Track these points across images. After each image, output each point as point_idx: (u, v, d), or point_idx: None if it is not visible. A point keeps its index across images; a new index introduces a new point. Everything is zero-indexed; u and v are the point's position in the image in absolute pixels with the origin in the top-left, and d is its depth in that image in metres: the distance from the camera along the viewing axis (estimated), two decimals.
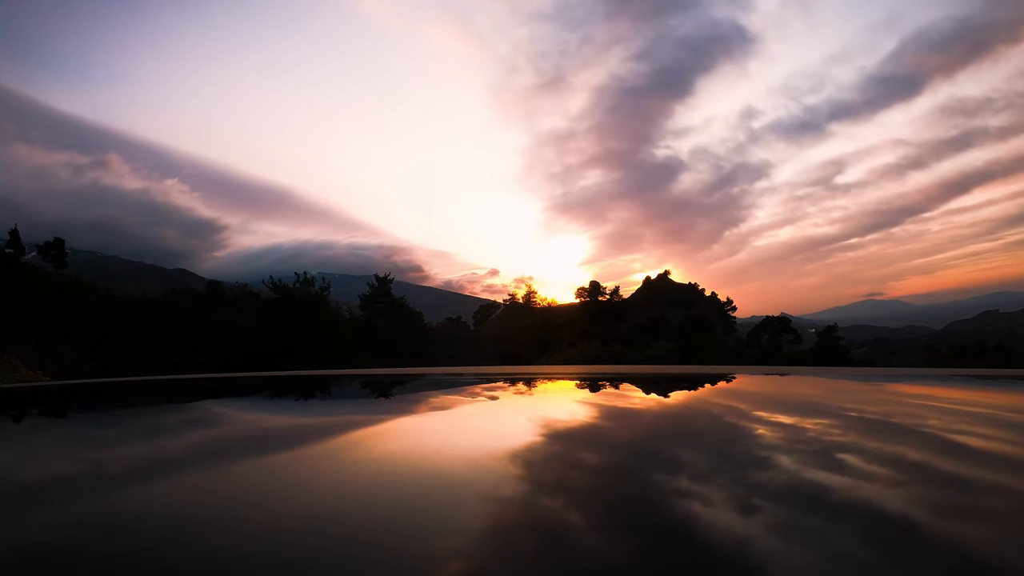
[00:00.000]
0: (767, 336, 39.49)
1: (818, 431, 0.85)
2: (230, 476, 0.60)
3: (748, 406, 1.17)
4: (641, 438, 0.85)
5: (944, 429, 0.88)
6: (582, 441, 0.82)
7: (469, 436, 0.86)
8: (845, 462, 0.64)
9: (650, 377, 2.11)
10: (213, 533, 0.44)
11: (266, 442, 0.83)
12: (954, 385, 1.65)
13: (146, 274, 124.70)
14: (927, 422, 0.96)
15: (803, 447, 0.73)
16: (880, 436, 0.83)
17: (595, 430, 0.92)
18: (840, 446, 0.74)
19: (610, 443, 0.81)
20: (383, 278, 29.09)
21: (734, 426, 0.92)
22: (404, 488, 0.55)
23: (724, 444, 0.77)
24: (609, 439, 0.85)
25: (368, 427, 0.97)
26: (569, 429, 0.90)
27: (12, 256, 25.86)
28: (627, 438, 0.85)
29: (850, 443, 0.77)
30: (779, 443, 0.75)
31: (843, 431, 0.85)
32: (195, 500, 0.52)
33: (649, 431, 0.91)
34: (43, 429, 1.03)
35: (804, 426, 0.89)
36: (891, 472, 0.61)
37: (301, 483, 0.57)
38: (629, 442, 0.81)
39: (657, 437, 0.85)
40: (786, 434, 0.83)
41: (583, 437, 0.85)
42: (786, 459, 0.65)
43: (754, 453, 0.69)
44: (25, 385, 2.38)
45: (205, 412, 1.26)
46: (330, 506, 0.50)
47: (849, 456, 0.68)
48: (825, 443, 0.76)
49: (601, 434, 0.89)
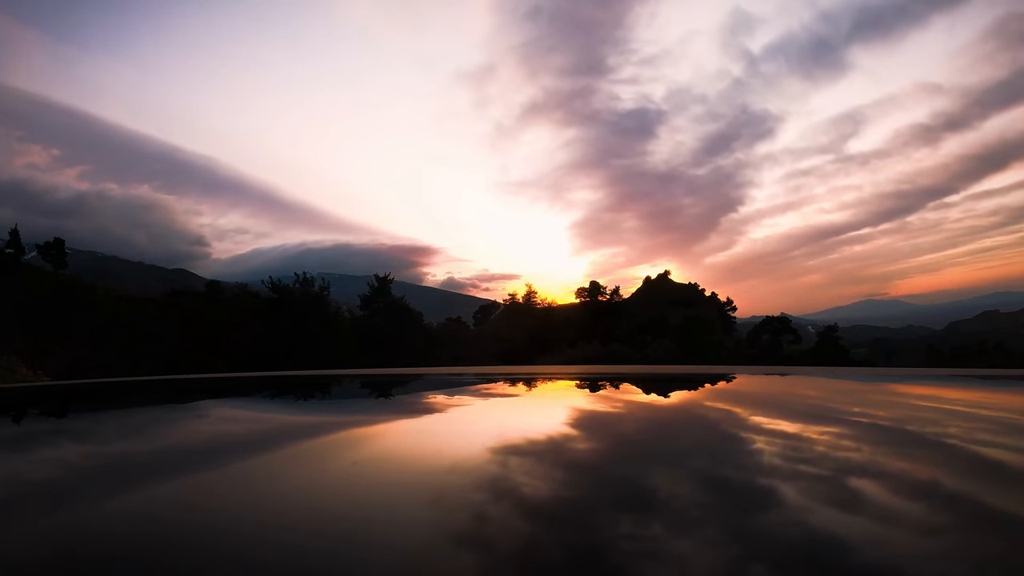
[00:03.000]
0: (767, 336, 39.50)
1: (827, 444, 0.73)
2: (230, 476, 0.60)
3: (747, 412, 1.07)
4: (625, 459, 0.69)
5: (969, 440, 0.77)
6: (581, 441, 0.81)
7: (469, 436, 0.86)
8: (865, 495, 0.51)
9: (650, 377, 2.11)
10: (213, 533, 0.44)
11: (266, 442, 0.83)
12: (960, 386, 1.63)
13: (146, 274, 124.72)
14: (947, 430, 0.85)
15: (811, 471, 0.60)
16: (901, 451, 0.70)
17: (594, 431, 0.92)
18: (856, 468, 0.61)
19: (602, 450, 0.81)
20: (383, 278, 29.10)
21: (730, 443, 0.78)
22: (404, 488, 0.55)
23: (717, 469, 0.62)
24: (603, 444, 0.85)
25: (368, 427, 0.97)
26: (568, 430, 0.90)
27: (12, 256, 25.87)
28: (609, 457, 0.71)
29: (867, 464, 0.63)
30: (782, 466, 0.62)
31: (856, 443, 0.74)
32: (195, 500, 0.52)
33: (636, 450, 0.75)
34: (43, 429, 1.03)
35: (810, 437, 0.78)
36: (928, 512, 0.47)
37: (301, 483, 0.57)
38: (610, 461, 0.68)
39: (641, 463, 0.67)
40: (791, 451, 0.69)
41: (582, 437, 0.85)
42: (791, 492, 0.51)
43: (752, 483, 0.56)
44: (25, 385, 2.38)
45: (205, 412, 1.26)
46: (330, 506, 0.50)
47: (869, 485, 0.54)
48: (837, 463, 0.63)
49: (599, 435, 0.89)
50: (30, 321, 17.23)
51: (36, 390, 1.76)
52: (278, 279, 25.64)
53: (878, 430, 0.85)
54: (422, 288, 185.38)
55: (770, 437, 0.79)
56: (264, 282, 26.25)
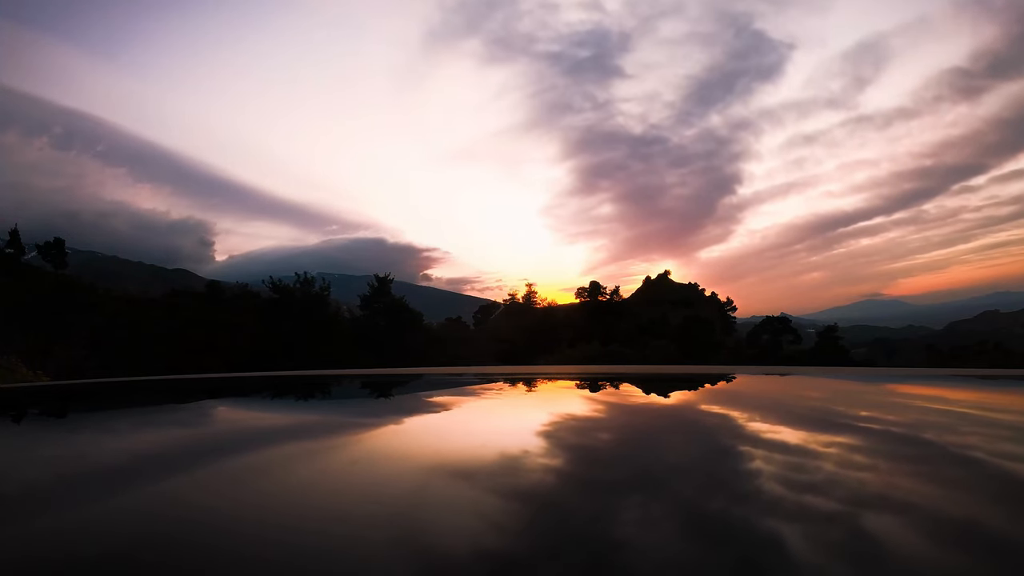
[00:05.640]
0: (767, 336, 39.52)
1: (837, 461, 0.61)
2: (230, 476, 0.60)
3: (747, 418, 0.97)
4: (601, 487, 0.56)
5: (996, 453, 0.67)
6: (580, 442, 0.81)
7: (469, 436, 0.86)
8: (890, 544, 0.37)
9: (649, 378, 2.11)
10: (213, 533, 0.44)
11: (266, 442, 0.83)
12: (963, 386, 1.61)
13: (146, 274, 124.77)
14: (965, 439, 0.76)
15: (820, 505, 0.45)
16: (923, 470, 0.58)
17: (592, 432, 0.92)
18: (875, 500, 0.46)
19: (597, 453, 0.81)
20: (383, 278, 29.10)
21: (726, 463, 0.64)
22: (404, 488, 0.55)
23: (704, 505, 0.48)
24: (599, 447, 0.84)
25: (368, 427, 0.97)
26: (568, 430, 0.90)
27: (12, 256, 25.88)
28: (589, 477, 0.61)
29: (887, 490, 0.49)
30: (785, 498, 0.48)
31: (870, 458, 0.62)
32: (195, 500, 0.52)
33: (618, 475, 0.60)
34: (43, 429, 1.03)
35: (816, 451, 0.67)
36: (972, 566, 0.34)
37: (301, 483, 0.57)
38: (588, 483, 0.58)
39: (620, 493, 0.54)
40: (794, 472, 0.57)
41: (581, 438, 0.84)
42: (795, 540, 0.38)
43: (745, 528, 0.41)
44: (25, 385, 2.38)
45: (205, 412, 1.26)
46: (330, 506, 0.50)
47: (893, 526, 0.40)
48: (850, 492, 0.50)
49: (597, 437, 0.89)
50: (30, 321, 17.23)
51: (36, 390, 1.76)
52: (278, 279, 25.65)
53: (892, 440, 0.75)
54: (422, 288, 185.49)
55: (770, 452, 0.68)
56: (264, 282, 26.26)
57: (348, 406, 1.44)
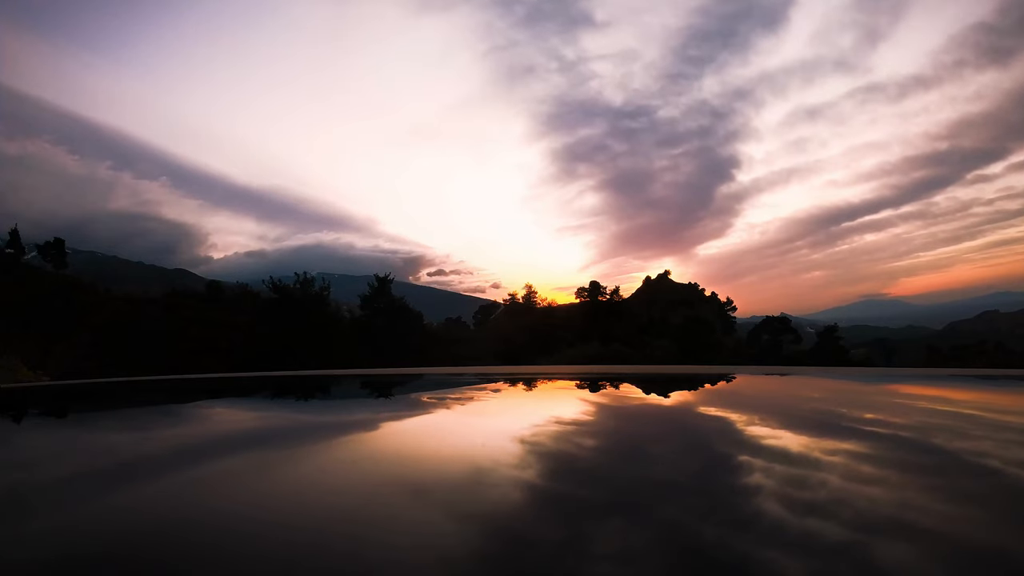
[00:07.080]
0: (767, 336, 39.50)
1: (844, 473, 0.55)
2: (230, 476, 0.60)
3: (747, 422, 0.93)
4: (594, 496, 0.53)
5: (1012, 461, 0.62)
6: (579, 442, 0.81)
7: (469, 436, 0.86)
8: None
9: (649, 378, 2.11)
10: (213, 533, 0.44)
11: (266, 442, 0.83)
12: (965, 387, 1.60)
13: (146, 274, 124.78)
14: (978, 445, 0.71)
15: (827, 532, 0.40)
16: (939, 483, 0.52)
17: (591, 433, 0.92)
18: (888, 525, 0.40)
19: (594, 455, 0.81)
20: (383, 278, 29.07)
21: (722, 478, 0.58)
22: (404, 487, 0.55)
23: (696, 530, 0.42)
24: (596, 449, 0.84)
25: (368, 427, 0.97)
26: (567, 430, 0.90)
27: (12, 256, 25.88)
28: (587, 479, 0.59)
29: (901, 515, 0.43)
30: (787, 523, 0.42)
31: (879, 468, 0.57)
32: (195, 500, 0.52)
33: (613, 485, 0.57)
34: (43, 429, 1.03)
35: (820, 460, 0.61)
36: None
37: (301, 483, 0.57)
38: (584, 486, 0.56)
39: (612, 508, 0.49)
40: (797, 487, 0.51)
41: (580, 438, 0.84)
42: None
43: (742, 564, 0.36)
44: (25, 385, 2.38)
45: (205, 412, 1.26)
46: (330, 505, 0.50)
47: (912, 560, 0.34)
48: (859, 513, 0.43)
49: (595, 438, 0.89)
50: (30, 321, 17.23)
51: (36, 390, 1.76)
52: (278, 279, 25.63)
53: (901, 447, 0.69)
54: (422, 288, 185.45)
55: (770, 462, 0.61)
56: (264, 282, 26.24)
57: (348, 406, 1.44)
